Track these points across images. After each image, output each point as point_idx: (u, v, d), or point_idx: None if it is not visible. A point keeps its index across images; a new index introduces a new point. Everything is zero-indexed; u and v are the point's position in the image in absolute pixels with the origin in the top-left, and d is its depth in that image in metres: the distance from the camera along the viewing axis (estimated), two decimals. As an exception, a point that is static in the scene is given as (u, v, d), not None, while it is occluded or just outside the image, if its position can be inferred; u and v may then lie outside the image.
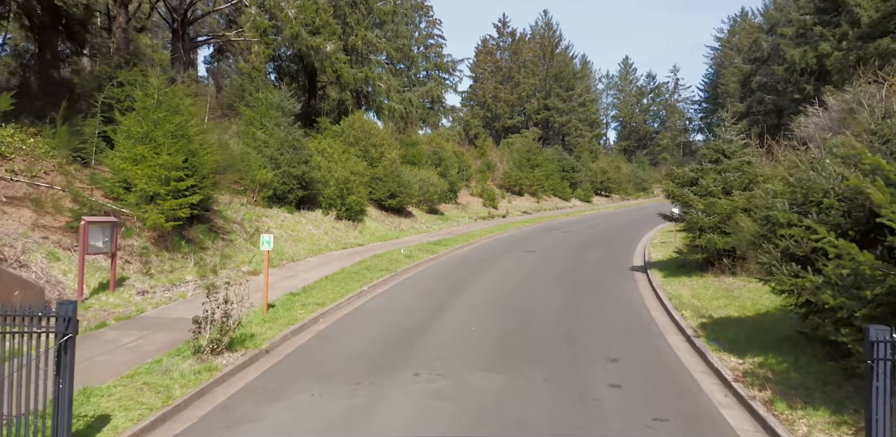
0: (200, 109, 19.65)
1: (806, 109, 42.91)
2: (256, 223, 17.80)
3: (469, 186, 40.42)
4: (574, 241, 23.52)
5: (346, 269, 15.05)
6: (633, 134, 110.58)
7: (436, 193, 30.51)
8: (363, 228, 22.92)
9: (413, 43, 61.62)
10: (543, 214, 38.57)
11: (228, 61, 47.95)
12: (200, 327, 7.84)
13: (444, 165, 34.25)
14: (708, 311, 10.83)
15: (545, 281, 14.39)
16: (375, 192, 27.00)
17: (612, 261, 18.00)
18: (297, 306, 10.83)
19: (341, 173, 22.13)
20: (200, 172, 14.59)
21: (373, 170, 27.25)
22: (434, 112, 61.06)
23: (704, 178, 14.29)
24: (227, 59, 48.05)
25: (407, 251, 18.39)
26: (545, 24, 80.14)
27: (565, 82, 71.36)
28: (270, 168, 20.14)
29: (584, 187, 52.19)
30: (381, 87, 31.89)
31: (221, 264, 14.16)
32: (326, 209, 21.96)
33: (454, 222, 30.93)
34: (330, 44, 28.03)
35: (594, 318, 10.65)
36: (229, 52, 46.56)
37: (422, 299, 12.16)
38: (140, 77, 16.42)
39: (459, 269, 16.31)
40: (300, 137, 21.40)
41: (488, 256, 19.02)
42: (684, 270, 14.95)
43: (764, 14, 72.19)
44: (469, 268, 16.41)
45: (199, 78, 51.68)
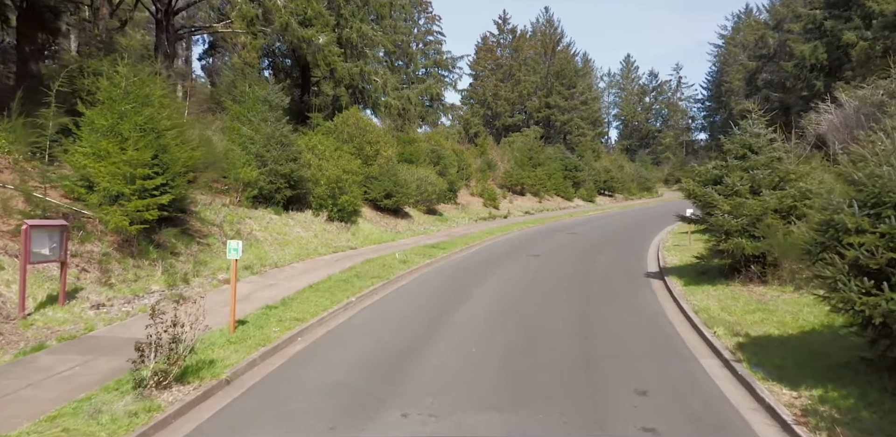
0: (180, 103, 18.26)
1: (817, 106, 41.57)
2: (238, 225, 16.40)
3: (469, 186, 39.03)
4: (581, 243, 22.14)
5: (334, 276, 13.66)
6: (635, 133, 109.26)
7: (434, 192, 29.12)
8: (356, 230, 21.53)
9: (412, 39, 60.30)
10: (546, 215, 37.18)
11: (224, 58, 46.64)
12: (143, 355, 6.45)
13: (443, 164, 32.88)
14: (743, 327, 9.44)
15: (553, 290, 13.01)
16: (370, 191, 25.61)
17: (624, 266, 16.62)
18: (273, 322, 9.44)
19: (333, 172, 20.74)
20: (172, 170, 13.20)
21: (367, 168, 25.86)
22: (433, 110, 59.73)
23: (730, 176, 12.90)
24: (221, 56, 46.69)
25: (402, 256, 17.00)
26: (546, 20, 78.81)
27: (567, 80, 70.00)
28: (256, 166, 18.76)
29: (588, 187, 50.79)
30: (377, 82, 30.51)
31: (195, 272, 12.76)
32: (317, 210, 20.57)
33: (454, 222, 29.54)
34: (323, 36, 26.66)
35: (612, 336, 9.26)
36: (222, 47, 45.19)
37: (416, 311, 10.77)
38: (111, 67, 15.03)
39: (459, 276, 14.93)
40: (288, 132, 20.02)
41: (490, 260, 17.63)
42: (706, 277, 13.56)
43: (770, 10, 70.77)
44: (469, 274, 15.03)
45: (195, 75, 50.26)
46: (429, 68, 61.10)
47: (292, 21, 23.55)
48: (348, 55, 31.58)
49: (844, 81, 43.98)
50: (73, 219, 12.04)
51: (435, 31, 61.38)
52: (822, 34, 47.71)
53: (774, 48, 65.81)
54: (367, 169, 25.83)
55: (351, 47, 31.02)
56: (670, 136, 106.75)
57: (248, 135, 19.39)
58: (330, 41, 27.06)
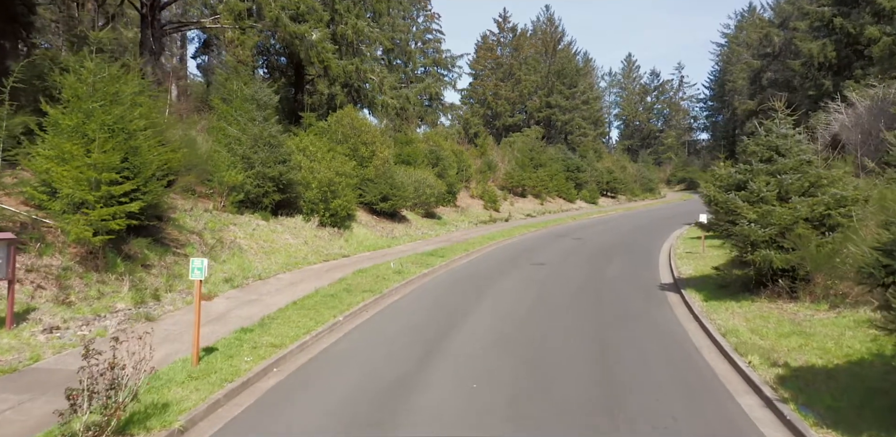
0: (160, 101, 17.13)
1: (827, 106, 40.39)
2: (221, 233, 15.25)
3: (469, 188, 37.90)
4: (587, 250, 21.00)
5: (322, 290, 12.52)
6: (636, 133, 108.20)
7: (432, 195, 27.97)
8: (350, 235, 20.39)
9: (410, 38, 59.20)
10: (549, 218, 36.05)
11: (220, 57, 45.54)
12: (75, 404, 5.32)
13: (442, 165, 31.73)
14: (780, 355, 8.31)
15: (561, 307, 11.87)
16: (365, 194, 24.47)
17: (635, 277, 15.48)
18: (246, 349, 8.30)
19: (325, 174, 19.60)
20: (144, 174, 12.05)
21: (363, 170, 24.71)
22: (432, 110, 58.65)
23: (755, 180, 11.75)
24: (217, 54, 45.57)
25: (397, 265, 15.87)
26: (547, 19, 77.70)
27: (568, 79, 68.84)
28: (242, 168, 17.61)
29: (590, 188, 49.65)
30: (374, 80, 29.37)
31: (167, 287, 11.61)
32: (308, 215, 19.43)
33: (453, 226, 28.40)
34: (316, 32, 25.51)
35: (633, 366, 8.12)
36: (217, 45, 44.05)
37: (409, 335, 9.63)
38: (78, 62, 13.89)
39: (457, 289, 13.79)
40: (277, 133, 18.86)
41: (491, 270, 16.49)
42: (728, 291, 12.42)
43: (774, 8, 69.63)
44: (469, 288, 13.89)
45: (191, 74, 49.09)
46: (428, 67, 60.01)
47: (283, 16, 22.41)
48: (343, 52, 30.46)
49: (854, 80, 42.89)
50: (33, 229, 10.91)
51: (434, 30, 60.22)
52: (829, 32, 46.61)
53: (780, 47, 64.69)
54: (362, 171, 24.69)
55: (346, 44, 29.89)
56: (672, 136, 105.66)
57: (235, 135, 18.25)
58: (323, 37, 25.93)
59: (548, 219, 34.70)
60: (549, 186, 44.14)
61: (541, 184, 43.37)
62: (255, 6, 22.75)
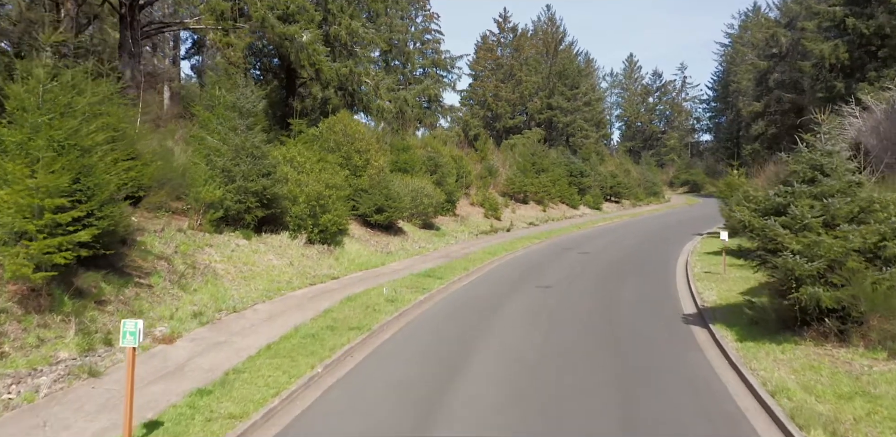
0: (131, 110, 15.63)
1: (840, 109, 38.92)
2: (194, 257, 13.77)
3: (469, 195, 36.43)
4: (595, 267, 19.53)
5: (303, 327, 11.03)
6: (638, 134, 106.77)
7: (430, 205, 26.50)
8: (341, 253, 18.91)
9: (409, 38, 57.79)
10: (552, 227, 34.57)
11: (216, 57, 44.15)
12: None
13: (441, 173, 30.25)
14: (847, 428, 6.83)
15: (576, 350, 10.41)
16: (359, 206, 23.01)
17: (654, 304, 14.00)
18: (198, 423, 6.82)
19: (313, 187, 18.10)
20: (100, 197, 10.58)
21: (356, 180, 23.25)
22: (431, 112, 57.25)
23: (796, 204, 10.28)
24: (212, 55, 44.13)
25: (390, 291, 14.39)
26: (548, 19, 76.31)
27: (570, 80, 67.42)
28: (221, 183, 16.13)
29: (594, 193, 48.17)
30: (368, 83, 27.88)
31: (125, 326, 10.12)
32: (294, 232, 17.94)
33: (452, 238, 26.91)
34: (307, 33, 24.05)
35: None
36: (206, 46, 42.66)
37: (397, 396, 8.14)
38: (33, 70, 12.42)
39: (456, 324, 12.31)
40: (261, 143, 17.37)
41: (493, 295, 15.01)
42: (764, 329, 10.92)
43: (781, 8, 68.13)
44: (469, 321, 12.41)
45: (185, 76, 47.60)
46: (427, 68, 58.62)
47: (270, 16, 20.93)
48: (337, 55, 28.99)
49: (868, 83, 41.43)
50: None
51: (433, 30, 58.80)
52: (841, 32, 45.11)
53: (787, 47, 63.20)
54: (355, 181, 23.23)
55: (340, 46, 28.43)
56: (675, 137, 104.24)
57: (215, 146, 16.77)
58: (315, 39, 24.46)
59: (551, 228, 33.22)
60: (551, 192, 42.67)
61: (543, 190, 41.90)
62: (240, 6, 21.27)
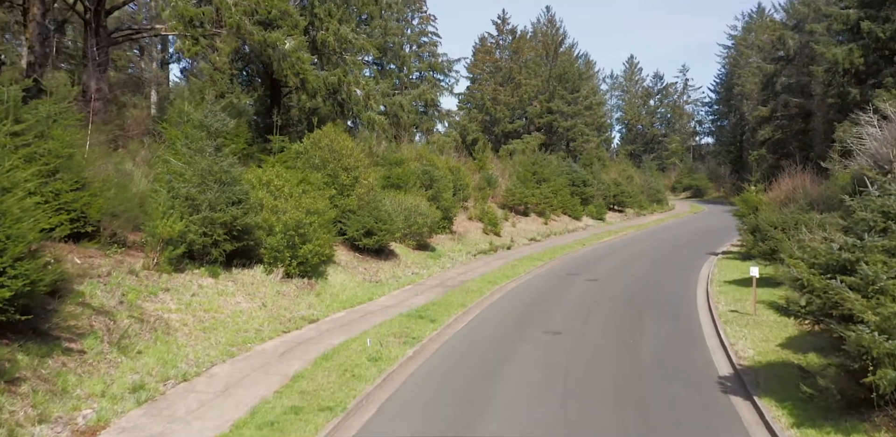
0: (76, 133, 13.64)
1: (856, 117, 36.97)
2: (144, 307, 11.79)
3: (467, 208, 34.48)
4: (607, 302, 17.59)
5: (262, 408, 9.04)
6: (639, 137, 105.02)
7: (425, 224, 24.53)
8: (324, 286, 16.95)
9: (405, 41, 55.94)
10: (555, 243, 32.61)
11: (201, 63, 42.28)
12: None
13: (437, 188, 28.27)
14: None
15: (599, 428, 8.47)
16: (347, 229, 21.07)
17: (680, 360, 12.06)
18: None
19: (292, 215, 16.13)
20: (12, 252, 8.62)
21: (344, 200, 21.30)
22: (428, 117, 55.37)
23: (867, 261, 8.35)
24: (204, 57, 42.18)
25: (376, 341, 12.44)
26: (548, 20, 74.49)
27: (570, 84, 65.56)
28: (183, 213, 14.16)
29: (597, 203, 46.23)
30: (358, 93, 25.90)
31: (39, 415, 8.15)
32: (270, 266, 15.96)
33: (448, 260, 24.95)
34: (290, 40, 22.15)
35: None
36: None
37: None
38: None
39: (450, 392, 10.36)
40: (231, 166, 15.39)
41: (494, 345, 13.06)
42: (823, 409, 8.96)
43: (787, 9, 66.25)
44: (466, 390, 10.46)
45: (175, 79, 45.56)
46: (423, 72, 56.77)
47: (246, 22, 18.97)
48: (325, 62, 27.07)
49: (885, 89, 39.55)
50: None
51: (430, 32, 56.93)
52: (853, 36, 43.21)
53: (795, 50, 61.34)
54: (342, 201, 21.28)
55: (327, 53, 26.51)
56: (676, 140, 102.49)
57: (177, 171, 14.81)
58: (299, 46, 22.52)
59: (554, 245, 31.26)
60: (553, 204, 40.70)
61: (544, 201, 39.94)
62: (213, 11, 19.32)
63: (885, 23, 39.47)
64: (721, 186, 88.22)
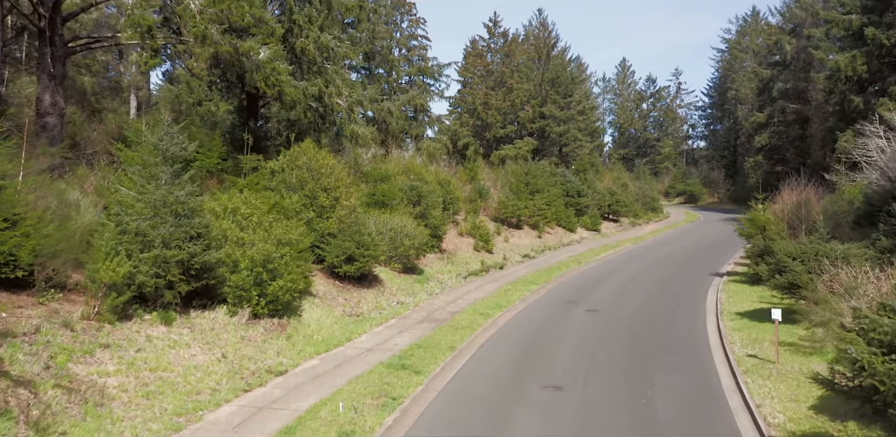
0: (4, 161, 11.86)
1: (863, 127, 35.62)
2: (75, 370, 10.05)
3: (457, 223, 32.85)
4: (610, 342, 16.00)
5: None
6: (631, 141, 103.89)
7: (412, 246, 22.87)
8: (297, 327, 15.24)
9: (394, 45, 54.29)
10: (550, 260, 31.02)
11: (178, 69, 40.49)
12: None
13: (425, 204, 26.61)
14: None
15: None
16: (326, 255, 19.39)
17: (701, 427, 10.46)
18: None
19: (261, 249, 14.42)
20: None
21: (323, 223, 19.63)
22: (418, 123, 53.73)
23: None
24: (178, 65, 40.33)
25: (349, 405, 10.76)
26: (540, 23, 73.12)
27: (563, 88, 64.15)
28: (131, 251, 12.42)
29: (592, 214, 44.70)
30: (340, 104, 24.21)
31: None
32: (234, 306, 14.24)
33: (437, 283, 23.31)
34: (265, 49, 20.44)
35: None
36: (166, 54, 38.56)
37: None
38: None
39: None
40: (189, 196, 13.63)
41: (488, 409, 11.41)
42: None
43: (784, 13, 65.07)
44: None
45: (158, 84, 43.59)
46: (413, 76, 55.15)
47: (213, 32, 17.21)
48: (305, 71, 25.40)
49: (890, 98, 38.26)
50: None
51: (419, 36, 55.28)
52: (854, 41, 41.90)
53: (792, 55, 60.15)
54: (321, 224, 19.62)
55: (307, 61, 24.82)
56: (670, 145, 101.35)
57: (127, 202, 13.06)
58: (275, 56, 20.81)
59: (549, 263, 29.66)
60: (547, 216, 39.13)
61: (538, 213, 38.37)
62: (174, 18, 17.57)
63: (890, 29, 38.18)
64: (715, 191, 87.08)
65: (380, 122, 48.81)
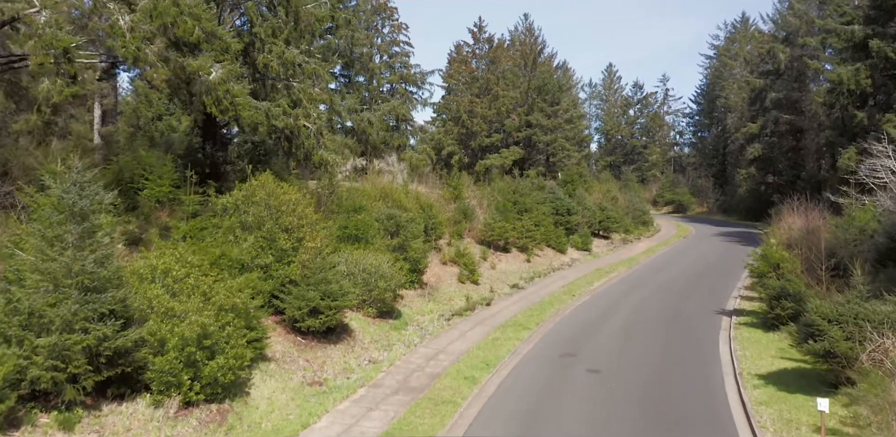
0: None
1: (869, 146, 33.75)
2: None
3: (440, 249, 30.34)
4: (617, 413, 13.57)
5: None
6: (618, 148, 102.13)
7: (388, 288, 20.31)
8: (242, 412, 12.60)
9: (374, 51, 51.80)
10: (540, 290, 28.60)
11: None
12: None
13: (404, 236, 24.04)
14: None
15: None
16: (286, 307, 16.76)
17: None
18: None
19: (195, 321, 11.77)
20: None
21: (283, 270, 17.01)
22: (400, 133, 51.20)
23: None
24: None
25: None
26: (526, 29, 70.93)
27: (550, 96, 61.98)
28: (22, 337, 9.75)
29: (582, 233, 42.38)
30: (308, 127, 21.56)
31: None
32: (160, 395, 11.58)
33: (416, 329, 20.77)
34: (217, 68, 17.87)
35: None
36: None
37: None
38: None
39: None
40: (102, 261, 10.96)
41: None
42: None
43: (776, 20, 63.39)
44: None
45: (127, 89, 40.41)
46: (395, 84, 52.65)
47: (147, 53, 14.50)
48: (269, 89, 22.80)
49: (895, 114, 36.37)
50: None
51: (402, 42, 52.77)
52: (856, 54, 40.02)
53: (786, 64, 58.41)
54: (281, 271, 17.00)
55: (271, 79, 22.21)
56: (657, 152, 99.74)
57: (11, 276, 10.37)
58: (229, 75, 18.20)
59: (541, 295, 27.24)
60: (535, 237, 36.73)
61: (527, 235, 35.96)
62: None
63: (895, 41, 36.29)
64: (704, 201, 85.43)
65: (359, 133, 46.20)
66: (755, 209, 66.60)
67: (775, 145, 60.59)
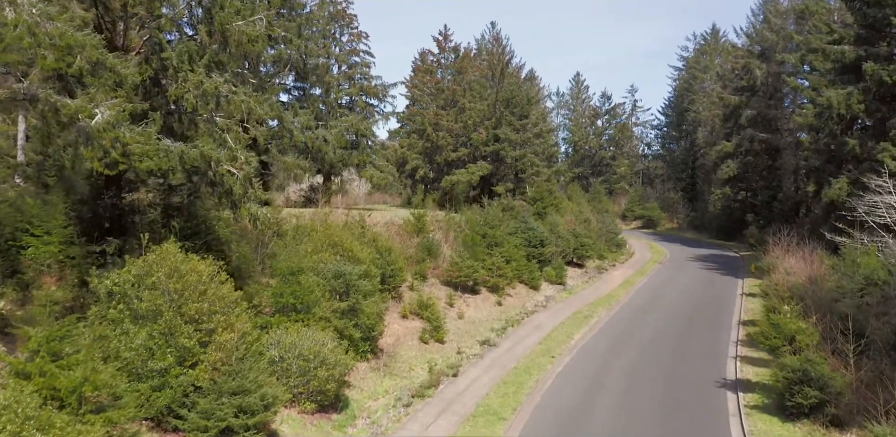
0: None
1: (868, 182, 31.14)
2: None
3: (401, 298, 26.52)
4: None
5: None
6: (586, 159, 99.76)
7: (331, 378, 16.37)
8: None
9: (332, 62, 47.76)
10: (514, 347, 24.98)
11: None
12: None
13: (355, 297, 20.10)
14: None
15: None
16: (187, 426, 12.71)
17: None
18: None
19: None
20: None
21: (185, 376, 12.96)
22: (359, 151, 47.11)
23: None
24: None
25: None
26: (493, 38, 67.79)
27: (518, 109, 58.76)
28: None
29: (556, 264, 39.04)
30: (232, 174, 17.42)
31: None
32: None
33: (367, 424, 16.88)
34: (102, 109, 13.78)
35: None
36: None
37: None
38: None
39: None
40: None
41: None
42: None
43: (751, 35, 61.38)
44: None
45: None
46: (354, 97, 48.63)
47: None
48: (186, 125, 18.66)
49: (892, 143, 33.96)
50: None
51: (362, 51, 48.81)
52: (843, 76, 37.66)
53: (762, 81, 56.34)
54: (182, 378, 12.94)
55: (187, 114, 18.09)
56: (625, 164, 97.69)
57: None
58: (121, 118, 14.09)
59: (516, 356, 23.62)
60: (507, 275, 33.20)
61: (498, 273, 32.41)
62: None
63: (890, 63, 33.88)
64: (674, 216, 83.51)
65: (314, 151, 42.09)
66: (727, 228, 64.51)
67: (750, 164, 58.46)
